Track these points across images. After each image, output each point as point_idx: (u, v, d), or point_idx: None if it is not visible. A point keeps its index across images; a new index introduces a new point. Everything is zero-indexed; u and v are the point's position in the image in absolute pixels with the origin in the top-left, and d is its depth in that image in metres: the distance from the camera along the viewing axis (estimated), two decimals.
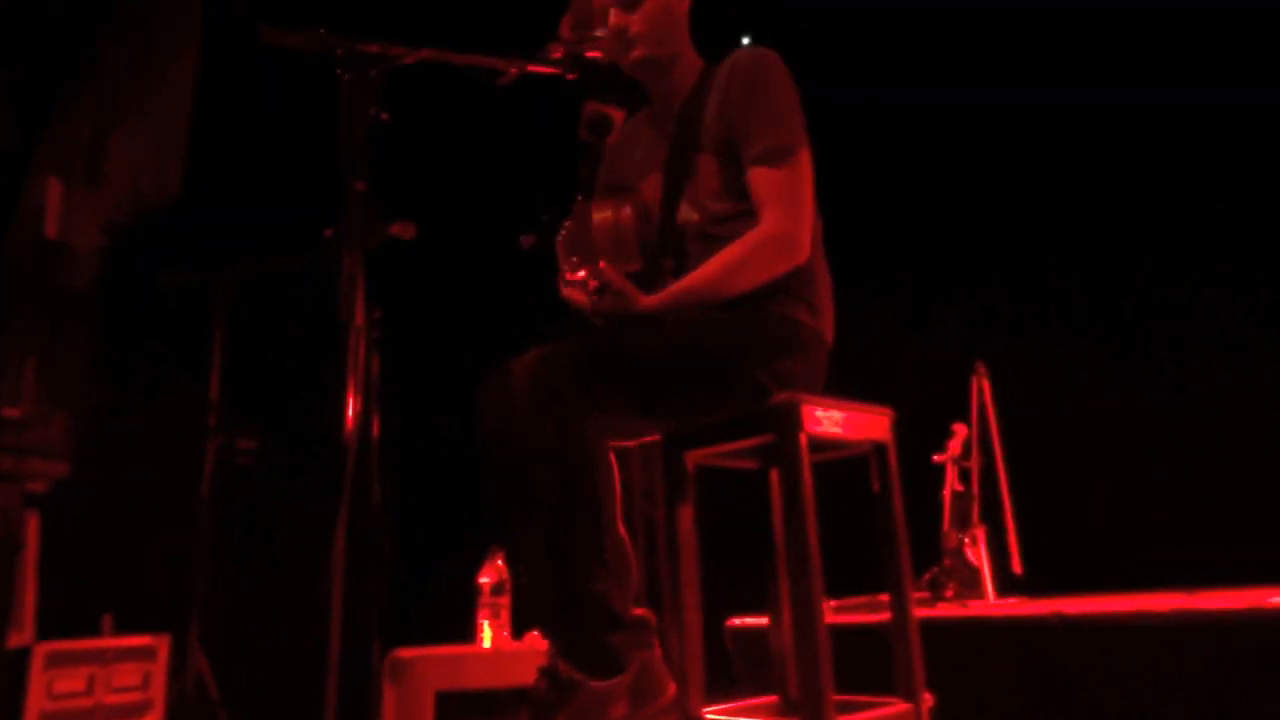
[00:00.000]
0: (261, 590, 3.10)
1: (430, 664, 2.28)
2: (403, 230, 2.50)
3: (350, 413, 1.45)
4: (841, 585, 2.18)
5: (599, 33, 1.88)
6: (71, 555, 2.97)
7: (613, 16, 1.88)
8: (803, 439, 1.61)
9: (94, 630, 2.86)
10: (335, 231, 1.64)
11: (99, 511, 3.08)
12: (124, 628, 2.98)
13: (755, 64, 1.78)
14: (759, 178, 1.72)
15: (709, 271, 1.69)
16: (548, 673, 1.55)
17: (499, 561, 2.44)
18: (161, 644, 2.97)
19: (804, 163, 1.73)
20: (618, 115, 3.36)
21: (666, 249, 1.84)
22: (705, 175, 1.79)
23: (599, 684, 1.51)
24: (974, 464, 3.00)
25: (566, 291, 1.80)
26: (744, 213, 1.74)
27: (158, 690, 2.85)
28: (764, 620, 2.45)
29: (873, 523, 1.82)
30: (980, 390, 3.02)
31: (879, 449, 1.81)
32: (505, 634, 2.39)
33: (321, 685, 1.44)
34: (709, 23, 1.96)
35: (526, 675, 2.27)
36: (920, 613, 1.85)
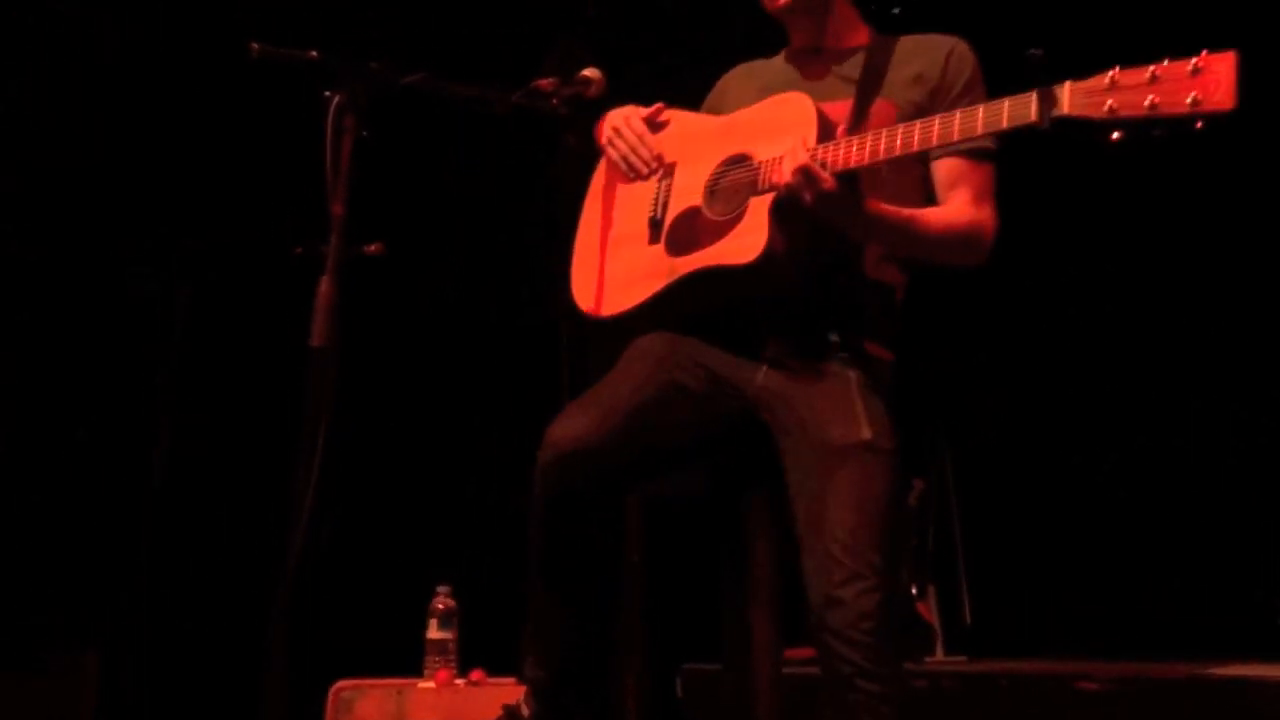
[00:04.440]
0: (203, 614, 3.01)
1: (373, 697, 2.23)
2: (374, 249, 2.47)
3: (308, 434, 1.42)
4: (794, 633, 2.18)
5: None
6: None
7: None
8: None
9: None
10: (305, 249, 1.61)
11: (26, 520, 2.97)
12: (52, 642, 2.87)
13: (974, 62, 1.69)
14: (965, 167, 1.62)
15: (936, 224, 1.58)
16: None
17: (448, 594, 2.40)
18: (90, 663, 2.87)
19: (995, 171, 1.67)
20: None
21: None
22: (877, 122, 1.62)
23: None
24: (929, 520, 3.03)
25: (775, 176, 1.53)
26: (887, 179, 1.60)
27: None
28: (717, 666, 2.43)
29: None
30: (939, 449, 3.05)
31: None
32: (452, 669, 2.34)
33: (262, 714, 1.40)
34: None
35: (469, 712, 2.23)
36: None
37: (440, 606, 2.38)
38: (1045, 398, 3.14)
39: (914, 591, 3.01)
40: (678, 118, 1.83)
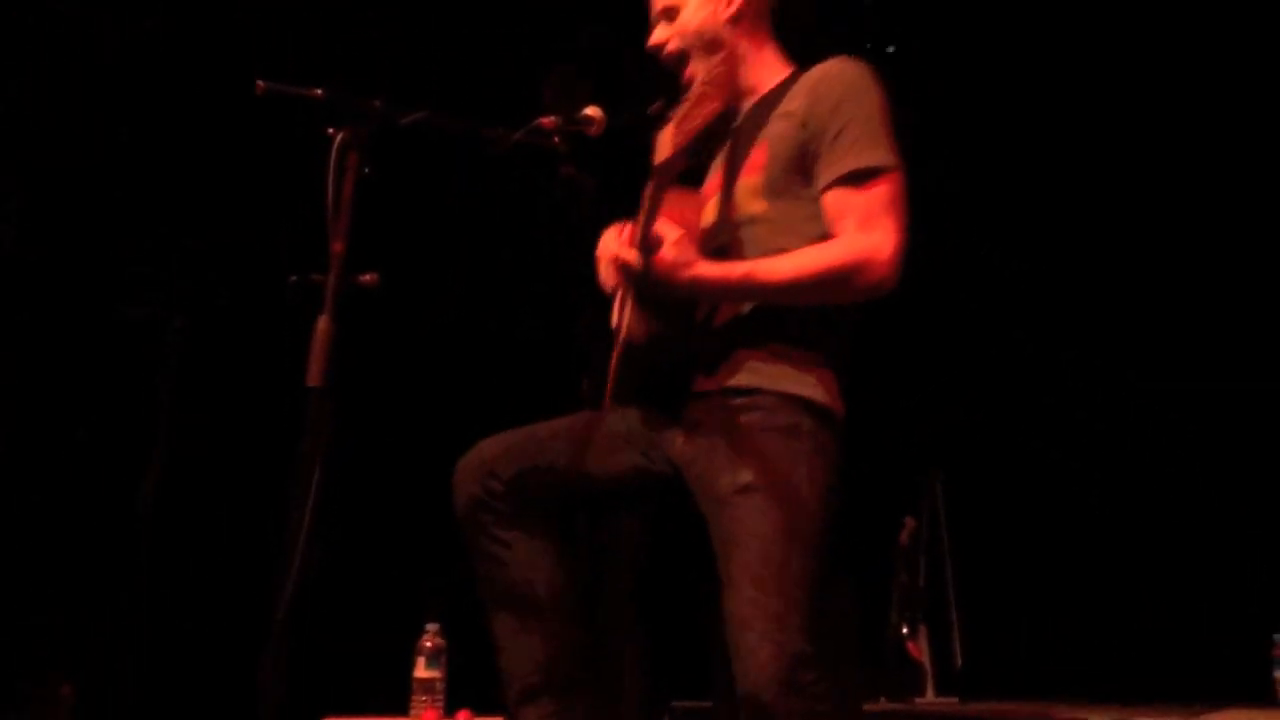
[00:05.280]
0: (188, 649, 2.96)
1: None
2: (369, 279, 2.46)
3: (304, 474, 1.40)
4: None
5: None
6: None
7: (657, 33, 1.81)
8: None
9: None
10: (299, 279, 1.59)
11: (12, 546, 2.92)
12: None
13: (847, 75, 1.61)
14: (845, 196, 1.55)
15: (783, 272, 1.51)
16: None
17: (436, 633, 2.36)
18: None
19: (899, 186, 1.56)
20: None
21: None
22: (752, 168, 1.64)
23: None
24: (921, 557, 3.01)
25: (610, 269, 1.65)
26: (770, 219, 1.61)
27: None
28: (707, 704, 2.40)
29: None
30: (934, 495, 3.05)
31: None
32: (439, 708, 2.30)
33: None
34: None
35: None
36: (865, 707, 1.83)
37: (428, 645, 2.34)
38: (1039, 440, 3.15)
39: (904, 631, 2.99)
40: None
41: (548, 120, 1.70)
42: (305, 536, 1.31)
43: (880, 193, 1.54)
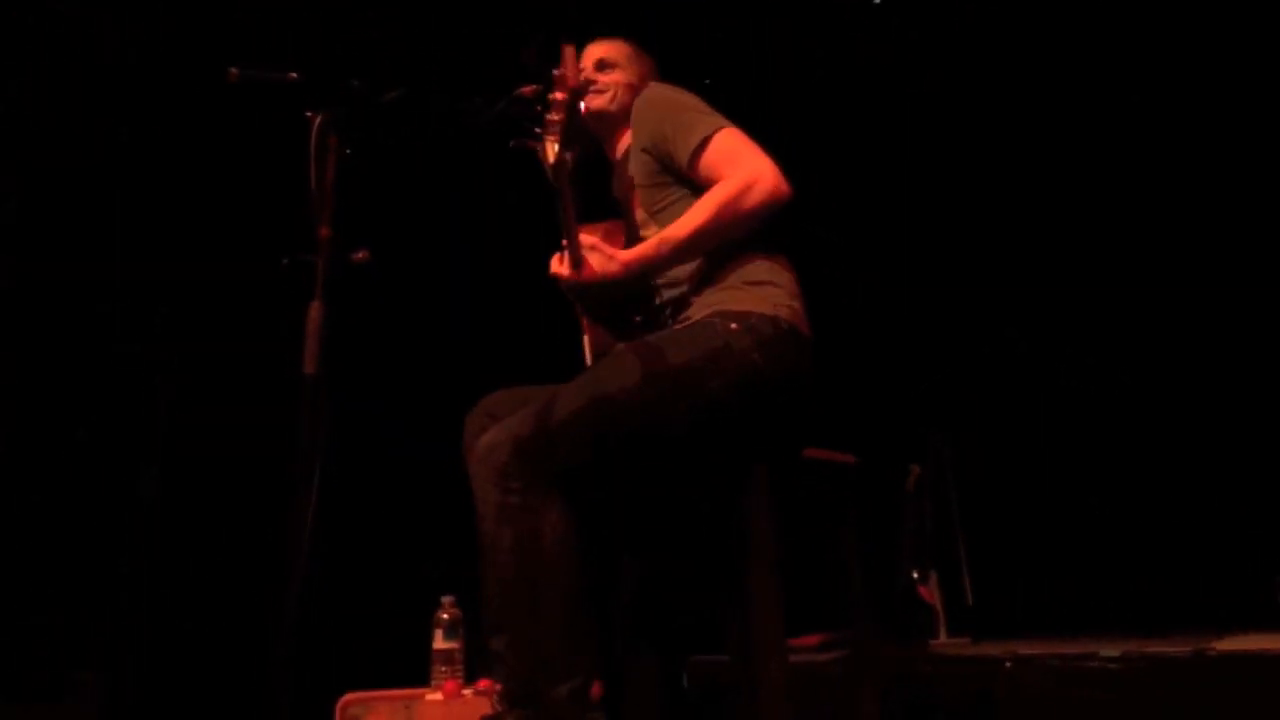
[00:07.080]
0: (208, 629, 3.00)
1: (381, 710, 2.22)
2: (361, 257, 2.45)
3: (306, 459, 1.40)
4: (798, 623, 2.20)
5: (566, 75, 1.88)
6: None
7: (595, 75, 2.01)
8: None
9: None
10: (291, 260, 1.59)
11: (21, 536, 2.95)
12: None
13: (645, 102, 1.88)
14: (703, 166, 1.77)
15: (687, 228, 1.73)
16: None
17: (453, 604, 2.39)
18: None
19: (733, 132, 1.78)
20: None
21: None
22: (635, 205, 1.89)
23: None
24: (927, 502, 3.03)
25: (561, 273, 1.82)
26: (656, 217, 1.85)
27: None
28: (723, 658, 2.43)
29: (824, 563, 1.91)
30: (939, 441, 3.06)
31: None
32: (459, 679, 2.34)
33: None
34: None
35: None
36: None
37: (445, 616, 2.37)
38: (1043, 377, 3.15)
39: (915, 575, 3.02)
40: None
41: (529, 90, 1.69)
42: (310, 516, 1.32)
43: (724, 140, 1.76)
